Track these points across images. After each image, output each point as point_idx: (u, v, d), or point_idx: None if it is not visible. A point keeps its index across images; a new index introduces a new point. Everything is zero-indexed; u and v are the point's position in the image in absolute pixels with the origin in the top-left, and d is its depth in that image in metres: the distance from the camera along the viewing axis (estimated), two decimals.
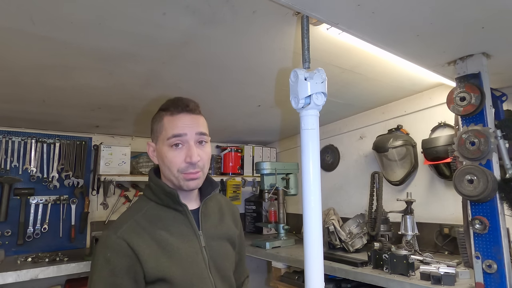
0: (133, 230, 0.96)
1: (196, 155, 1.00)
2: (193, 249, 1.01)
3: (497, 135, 1.39)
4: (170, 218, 1.02)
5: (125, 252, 0.92)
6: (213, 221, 1.12)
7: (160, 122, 1.05)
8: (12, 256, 2.23)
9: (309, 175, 1.03)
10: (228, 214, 1.21)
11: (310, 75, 1.05)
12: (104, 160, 2.56)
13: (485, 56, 1.46)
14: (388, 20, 1.20)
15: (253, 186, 3.15)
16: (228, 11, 1.20)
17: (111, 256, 0.92)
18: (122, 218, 1.02)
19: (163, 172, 1.05)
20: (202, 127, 1.05)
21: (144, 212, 1.02)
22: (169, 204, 1.03)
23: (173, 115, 1.03)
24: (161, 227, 0.99)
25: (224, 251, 1.11)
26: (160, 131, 1.04)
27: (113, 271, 0.90)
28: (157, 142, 1.06)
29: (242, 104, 2.24)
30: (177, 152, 1.01)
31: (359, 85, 2.03)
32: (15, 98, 1.86)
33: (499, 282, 1.30)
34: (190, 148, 1.01)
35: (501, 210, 1.36)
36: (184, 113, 1.03)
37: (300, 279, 2.13)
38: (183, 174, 1.01)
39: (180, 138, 1.01)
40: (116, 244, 0.93)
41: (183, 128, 1.01)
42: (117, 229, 0.96)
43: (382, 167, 2.38)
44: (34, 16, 1.14)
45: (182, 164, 1.00)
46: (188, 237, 1.02)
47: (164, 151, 1.02)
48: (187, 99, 1.07)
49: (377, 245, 1.85)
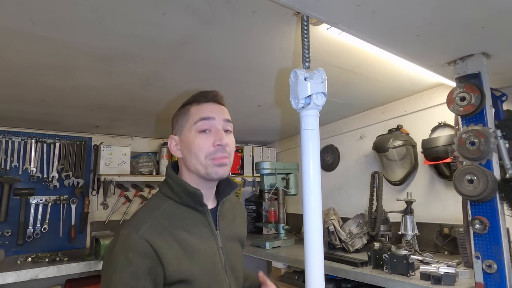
0: (154, 229, 0.92)
1: (226, 138, 1.00)
2: (212, 250, 0.99)
3: (497, 135, 1.39)
4: (188, 217, 1.00)
5: (147, 253, 0.88)
6: (227, 221, 1.11)
7: (186, 113, 1.04)
8: (12, 256, 2.23)
9: (309, 175, 1.02)
10: (239, 215, 1.20)
11: (310, 75, 1.05)
12: (104, 160, 2.57)
13: (485, 56, 1.46)
14: (388, 20, 1.20)
15: (253, 186, 3.14)
16: (228, 11, 1.20)
17: (134, 258, 0.87)
18: (141, 216, 0.97)
19: (189, 163, 1.01)
20: (227, 115, 1.06)
21: (163, 210, 0.98)
22: (189, 203, 1.00)
23: (200, 104, 1.03)
24: (181, 227, 0.96)
25: (237, 252, 1.10)
26: (187, 119, 1.03)
27: (135, 274, 0.86)
28: (182, 133, 1.04)
29: (242, 104, 2.24)
30: (206, 137, 0.99)
31: (359, 85, 2.03)
32: (15, 98, 1.86)
33: (499, 282, 1.30)
34: (218, 132, 1.00)
35: (501, 210, 1.36)
36: (212, 102, 1.04)
37: (300, 279, 2.13)
38: (212, 160, 0.98)
39: (209, 121, 1.00)
40: (138, 245, 0.88)
41: (212, 112, 1.01)
42: (138, 229, 0.91)
43: (382, 167, 2.38)
44: (34, 15, 1.14)
45: (211, 148, 0.98)
46: (206, 238, 1.00)
47: (191, 137, 1.00)
48: (215, 90, 1.07)
49: (377, 245, 1.85)
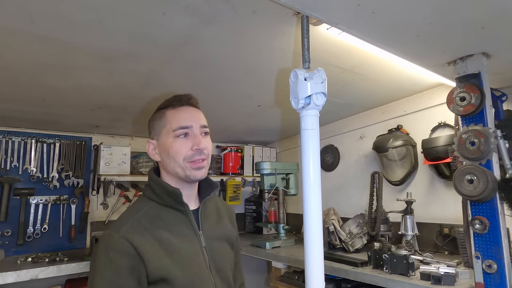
0: (135, 229, 0.95)
1: (203, 143, 1.03)
2: (194, 249, 1.01)
3: (497, 135, 1.39)
4: (171, 218, 1.02)
5: (128, 252, 0.91)
6: (212, 221, 1.13)
7: (162, 118, 1.07)
8: (12, 256, 2.23)
9: (309, 175, 1.02)
10: (226, 216, 1.22)
11: (310, 75, 1.05)
12: (104, 160, 2.56)
13: (485, 56, 1.46)
14: (388, 20, 1.20)
15: (253, 186, 3.15)
16: (228, 11, 1.20)
17: (114, 256, 0.90)
18: (122, 217, 1.01)
19: (167, 166, 1.05)
20: (203, 120, 1.09)
21: (145, 211, 1.01)
22: (170, 204, 1.03)
23: (176, 108, 1.07)
24: (162, 227, 0.99)
25: (224, 251, 1.12)
26: (163, 125, 1.06)
27: (116, 271, 0.89)
28: (160, 137, 1.06)
29: (242, 104, 2.24)
30: (183, 141, 1.03)
31: (359, 85, 2.03)
32: (15, 98, 1.86)
33: (499, 282, 1.30)
34: (196, 136, 1.04)
35: (501, 210, 1.36)
36: (186, 105, 1.07)
37: (300, 279, 2.13)
38: (190, 163, 1.02)
39: (187, 129, 1.03)
40: (119, 243, 0.91)
41: (189, 120, 1.04)
42: (119, 229, 0.95)
43: (382, 167, 2.38)
44: (34, 15, 1.14)
45: (189, 152, 1.02)
46: (188, 237, 1.02)
47: (169, 142, 1.03)
48: (189, 94, 1.09)
49: (377, 245, 1.85)
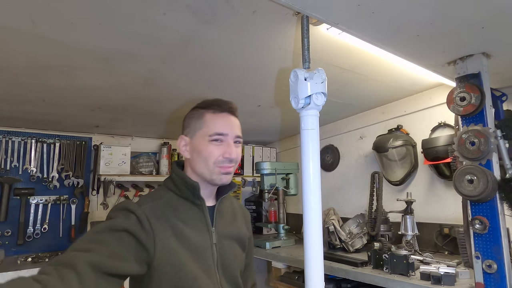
0: (153, 210, 0.98)
1: (235, 153, 1.07)
2: (204, 244, 1.03)
3: (497, 135, 1.39)
4: (186, 210, 1.05)
5: (144, 226, 0.92)
6: (226, 220, 1.15)
7: (200, 118, 1.09)
8: (12, 256, 2.23)
9: (309, 175, 1.03)
10: (241, 217, 1.23)
11: (310, 75, 1.05)
12: (104, 160, 2.57)
13: (485, 56, 1.46)
14: (388, 20, 1.20)
15: (253, 186, 3.14)
16: (228, 11, 1.20)
17: (134, 218, 0.93)
18: (143, 199, 1.03)
19: (195, 165, 1.08)
20: (239, 130, 1.12)
21: (164, 200, 1.04)
22: (188, 196, 1.06)
23: (216, 113, 1.08)
24: (177, 217, 1.01)
25: (234, 251, 1.12)
26: (200, 127, 1.08)
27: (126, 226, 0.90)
28: (194, 137, 1.09)
29: (242, 103, 2.22)
30: (217, 147, 1.05)
31: (359, 85, 2.03)
32: (15, 98, 1.86)
33: (499, 282, 1.30)
34: (229, 145, 1.07)
35: (501, 210, 1.36)
36: (226, 113, 1.10)
37: (300, 279, 2.13)
38: (219, 168, 1.05)
39: (222, 136, 1.06)
40: (139, 214, 0.94)
41: (226, 128, 1.07)
42: (141, 204, 0.98)
43: (382, 167, 2.38)
44: (34, 15, 1.14)
45: (220, 158, 1.05)
46: (200, 232, 1.04)
47: (203, 144, 1.06)
48: (230, 101, 1.12)
49: (377, 245, 1.85)
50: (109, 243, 0.85)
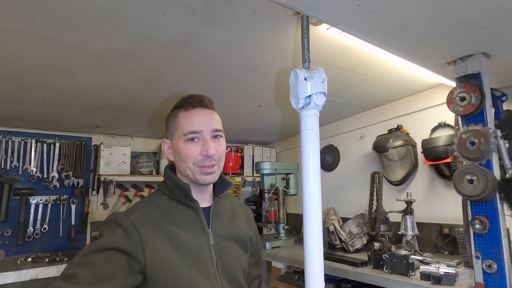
0: (144, 218, 0.97)
1: (212, 149, 1.02)
2: (201, 247, 1.01)
3: (497, 135, 1.39)
4: (181, 213, 1.03)
5: (132, 237, 0.92)
6: (224, 220, 1.12)
7: (175, 119, 1.07)
8: (12, 256, 2.23)
9: (309, 175, 1.02)
10: (242, 216, 1.21)
11: (310, 75, 1.05)
12: (104, 160, 2.57)
13: (485, 56, 1.46)
14: (388, 20, 1.20)
15: (253, 186, 3.15)
16: (228, 11, 1.20)
17: (120, 231, 0.92)
18: (135, 206, 1.03)
19: (179, 167, 1.07)
20: (216, 123, 1.07)
21: (158, 204, 1.03)
22: (181, 199, 1.04)
23: (188, 111, 1.06)
24: (172, 221, 1.00)
25: (234, 251, 1.10)
26: (176, 127, 1.06)
27: (112, 244, 0.90)
28: (173, 138, 1.08)
29: (242, 104, 2.24)
30: (193, 146, 1.03)
31: (359, 85, 2.03)
32: (15, 98, 1.86)
33: (499, 282, 1.30)
34: (206, 142, 1.03)
35: (501, 210, 1.36)
36: (198, 108, 1.06)
37: (300, 279, 2.13)
38: (199, 167, 1.02)
39: (196, 134, 1.03)
40: (127, 226, 0.93)
41: (199, 125, 1.03)
42: (129, 214, 0.97)
43: (382, 167, 2.38)
44: (34, 15, 1.14)
45: (198, 157, 1.02)
46: (196, 234, 1.02)
47: (180, 146, 1.04)
48: (201, 95, 1.09)
49: (377, 245, 1.85)
50: (96, 266, 0.86)
